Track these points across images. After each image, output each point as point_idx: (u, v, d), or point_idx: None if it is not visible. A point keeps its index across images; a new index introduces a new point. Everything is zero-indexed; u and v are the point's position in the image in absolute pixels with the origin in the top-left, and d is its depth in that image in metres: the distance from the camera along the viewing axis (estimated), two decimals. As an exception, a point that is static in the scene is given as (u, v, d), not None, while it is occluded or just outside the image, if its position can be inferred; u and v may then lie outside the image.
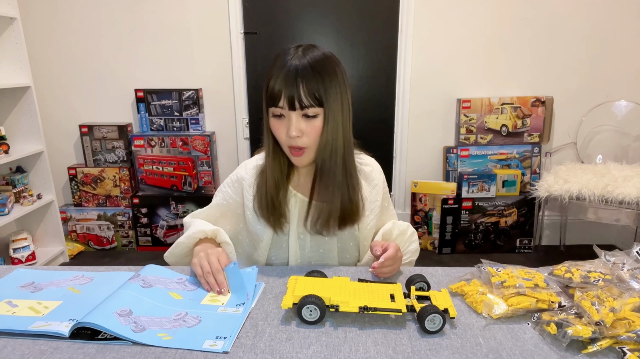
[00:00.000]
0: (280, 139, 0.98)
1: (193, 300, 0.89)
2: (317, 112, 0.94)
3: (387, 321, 0.80)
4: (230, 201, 1.13)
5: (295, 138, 0.95)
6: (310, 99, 0.92)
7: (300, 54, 0.94)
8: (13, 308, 0.84)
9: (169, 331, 0.78)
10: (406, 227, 1.14)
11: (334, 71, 0.96)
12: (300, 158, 0.99)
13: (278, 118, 0.96)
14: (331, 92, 0.94)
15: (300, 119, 0.94)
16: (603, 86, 2.81)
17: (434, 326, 0.76)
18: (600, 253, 0.91)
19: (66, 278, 0.97)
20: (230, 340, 0.75)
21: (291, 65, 0.92)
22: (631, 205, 2.28)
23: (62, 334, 0.75)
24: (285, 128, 0.95)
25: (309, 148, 0.98)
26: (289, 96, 0.92)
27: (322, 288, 0.82)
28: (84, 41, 2.84)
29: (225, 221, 1.15)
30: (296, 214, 1.07)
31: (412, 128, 2.93)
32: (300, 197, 1.07)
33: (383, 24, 2.80)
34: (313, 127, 0.95)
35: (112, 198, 2.90)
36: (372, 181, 1.12)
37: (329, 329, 0.78)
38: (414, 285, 0.87)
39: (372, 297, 0.81)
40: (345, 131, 0.99)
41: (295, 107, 0.92)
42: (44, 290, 0.92)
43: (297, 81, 0.91)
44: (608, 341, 0.71)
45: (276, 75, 0.93)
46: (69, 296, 0.89)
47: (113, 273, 0.99)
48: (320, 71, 0.93)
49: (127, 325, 0.77)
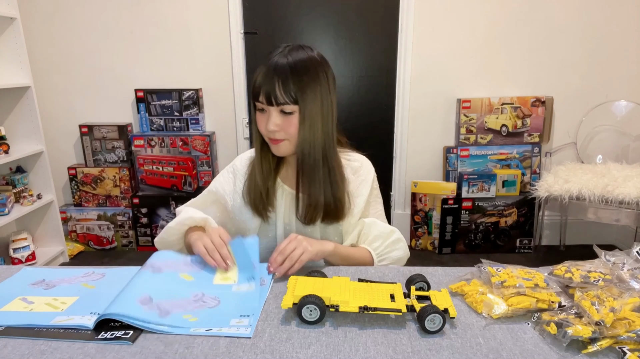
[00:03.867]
0: (261, 131, 1.05)
1: (205, 279, 0.92)
2: (294, 109, 1.00)
3: (387, 321, 0.80)
4: (222, 190, 1.18)
5: (273, 131, 1.01)
6: (285, 96, 0.98)
7: (286, 52, 1.00)
8: (30, 304, 0.85)
9: (192, 312, 0.81)
10: (389, 231, 1.12)
11: (315, 72, 1.00)
12: (278, 147, 1.05)
13: (261, 112, 1.03)
14: (308, 92, 0.99)
15: (278, 114, 1.00)
16: (603, 86, 2.81)
17: (434, 326, 0.76)
18: (600, 253, 0.91)
19: (77, 275, 0.99)
20: (254, 318, 0.79)
21: (272, 62, 0.99)
22: (631, 205, 2.28)
23: (87, 327, 0.77)
24: (265, 121, 1.02)
25: (286, 141, 1.04)
26: (266, 92, 0.98)
27: (322, 288, 0.83)
28: (84, 41, 2.84)
29: (216, 208, 1.19)
30: (282, 204, 1.12)
31: (412, 128, 2.93)
32: (287, 189, 1.13)
33: (383, 24, 2.80)
34: (289, 123, 1.01)
35: (112, 198, 2.90)
36: (360, 175, 1.15)
37: (329, 329, 0.78)
38: (414, 285, 0.87)
39: (372, 297, 0.81)
40: (326, 129, 1.04)
41: (272, 102, 0.99)
42: (57, 286, 0.93)
43: (274, 78, 0.97)
44: (608, 341, 0.71)
45: (260, 70, 1.00)
46: (85, 291, 0.90)
47: (124, 268, 1.00)
48: (299, 71, 0.98)
49: (152, 311, 0.79)
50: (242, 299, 0.86)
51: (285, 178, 1.14)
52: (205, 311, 0.81)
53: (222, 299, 0.86)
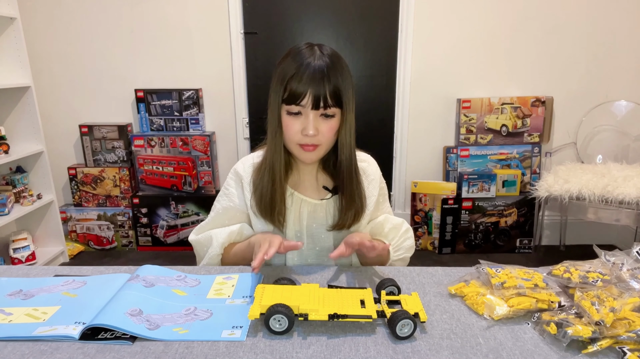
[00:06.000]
0: (290, 136, 0.99)
1: (198, 295, 0.90)
2: (335, 112, 0.97)
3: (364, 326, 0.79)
4: (236, 201, 1.11)
5: (312, 136, 0.96)
6: (333, 99, 0.94)
7: (320, 53, 0.96)
8: (8, 316, 0.82)
9: (183, 325, 0.79)
10: (400, 222, 1.14)
11: (349, 72, 0.99)
12: (310, 154, 1.00)
13: (293, 115, 0.97)
14: (348, 92, 0.97)
15: (317, 118, 0.96)
16: (603, 86, 2.81)
17: (405, 332, 0.74)
18: (600, 253, 0.91)
19: (56, 283, 0.94)
20: (246, 328, 0.77)
21: (316, 65, 0.93)
22: (631, 205, 2.28)
23: (72, 337, 0.75)
24: (300, 125, 0.97)
25: (321, 146, 1.00)
26: (314, 95, 0.93)
27: (290, 296, 0.79)
28: (84, 41, 2.83)
29: (234, 223, 1.13)
30: (292, 211, 1.08)
31: (412, 128, 2.93)
32: (297, 195, 1.09)
33: (383, 24, 2.80)
34: (329, 127, 0.97)
35: (112, 198, 2.90)
36: (369, 176, 1.13)
37: (329, 329, 0.78)
38: (384, 290, 0.85)
39: (342, 304, 0.79)
40: (354, 129, 1.02)
41: (320, 106, 0.94)
42: (36, 296, 0.89)
43: (324, 81, 0.93)
44: (608, 341, 0.71)
45: (299, 74, 0.93)
46: (66, 300, 0.87)
47: (106, 276, 0.97)
48: (340, 72, 0.96)
49: (141, 324, 0.77)
50: (234, 311, 0.83)
51: (295, 184, 1.10)
52: (197, 324, 0.79)
53: (214, 311, 0.83)
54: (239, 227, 1.09)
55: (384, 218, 1.14)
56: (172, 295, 0.89)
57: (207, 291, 0.91)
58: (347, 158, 1.03)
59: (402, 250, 1.11)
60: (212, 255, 1.08)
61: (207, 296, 0.89)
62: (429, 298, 0.89)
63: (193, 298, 0.89)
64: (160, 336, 0.75)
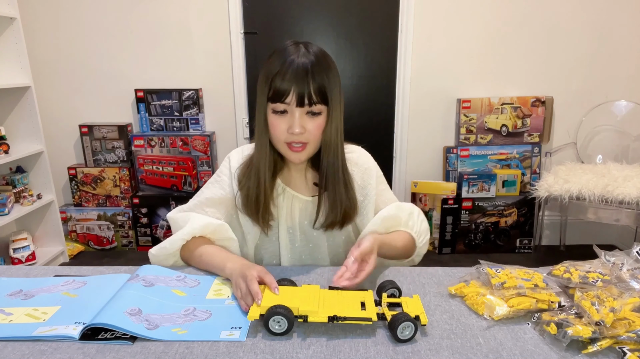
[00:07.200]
0: (277, 135, 0.97)
1: (197, 295, 0.90)
2: (322, 110, 0.95)
3: (365, 328, 0.79)
4: (227, 189, 1.08)
5: (298, 134, 0.95)
6: (318, 96, 0.93)
7: (304, 50, 0.94)
8: (8, 316, 0.82)
9: (182, 326, 0.79)
10: (411, 207, 1.09)
11: (335, 69, 0.97)
12: (299, 155, 0.99)
13: (279, 114, 0.95)
14: (334, 90, 0.96)
15: (303, 116, 0.95)
16: (603, 86, 2.81)
17: (406, 335, 0.74)
18: (600, 253, 0.91)
19: (56, 283, 0.94)
20: (245, 329, 0.77)
21: (299, 62, 0.92)
22: (631, 205, 2.28)
23: (72, 338, 0.75)
24: (286, 124, 0.95)
25: (309, 144, 0.98)
26: (298, 93, 0.92)
27: (290, 298, 0.79)
28: (84, 41, 2.83)
29: (219, 212, 1.09)
30: (284, 207, 1.07)
31: (412, 128, 2.92)
32: (290, 192, 1.07)
33: (383, 24, 2.80)
34: (316, 125, 0.96)
35: (112, 198, 2.90)
36: (362, 165, 1.10)
37: (329, 329, 0.78)
38: (385, 292, 0.85)
39: (342, 306, 0.79)
40: (341, 128, 1.00)
41: (304, 103, 0.93)
42: (36, 296, 0.89)
43: (308, 78, 0.91)
44: (608, 341, 0.71)
45: (283, 71, 0.92)
46: (66, 300, 0.87)
47: (106, 276, 0.97)
48: (325, 69, 0.94)
49: (140, 323, 0.77)
50: (234, 312, 0.83)
51: (287, 180, 1.08)
52: (195, 324, 0.79)
53: (213, 312, 0.83)
54: (218, 225, 1.04)
55: (397, 208, 1.07)
56: (172, 295, 0.89)
57: (206, 291, 0.92)
58: (333, 158, 1.00)
59: (423, 235, 1.09)
60: (174, 239, 1.02)
61: (207, 297, 0.89)
62: (429, 298, 0.89)
63: (192, 298, 0.89)
64: (159, 336, 0.75)
